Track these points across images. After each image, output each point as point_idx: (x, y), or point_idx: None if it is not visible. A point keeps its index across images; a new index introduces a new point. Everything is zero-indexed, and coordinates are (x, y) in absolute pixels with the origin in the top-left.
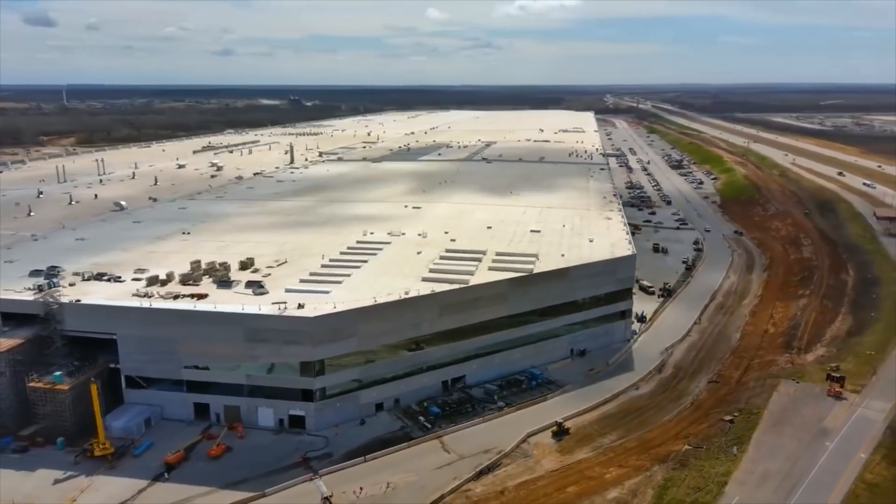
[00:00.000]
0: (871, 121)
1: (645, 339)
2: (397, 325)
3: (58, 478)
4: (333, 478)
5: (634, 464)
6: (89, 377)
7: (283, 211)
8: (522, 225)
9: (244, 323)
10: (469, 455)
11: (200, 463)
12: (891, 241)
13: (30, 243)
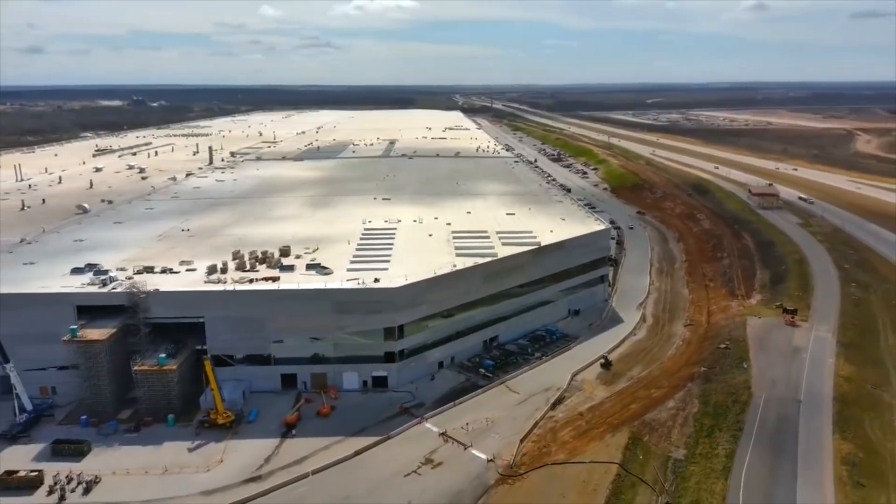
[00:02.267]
0: (697, 116)
1: (617, 300)
2: (454, 293)
3: (190, 447)
4: (436, 420)
5: (669, 385)
6: (186, 359)
7: (282, 204)
8: (493, 210)
9: (333, 297)
10: (534, 393)
11: (314, 421)
12: (767, 213)
13: (29, 246)
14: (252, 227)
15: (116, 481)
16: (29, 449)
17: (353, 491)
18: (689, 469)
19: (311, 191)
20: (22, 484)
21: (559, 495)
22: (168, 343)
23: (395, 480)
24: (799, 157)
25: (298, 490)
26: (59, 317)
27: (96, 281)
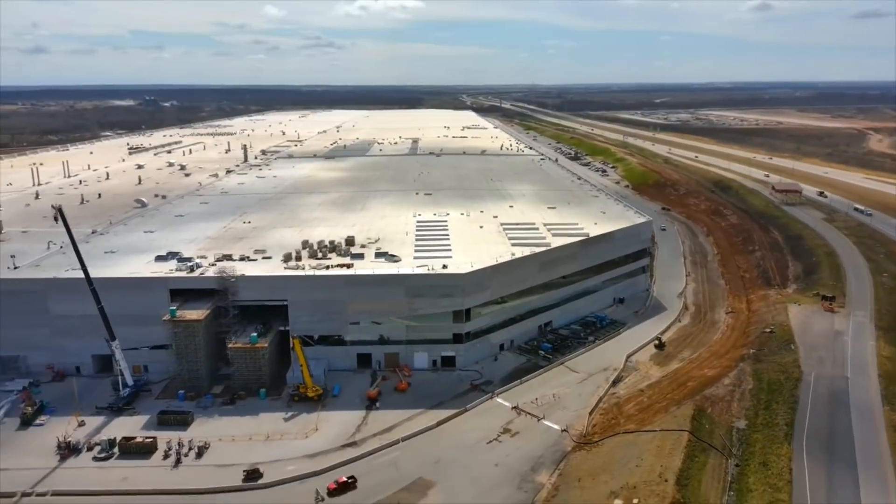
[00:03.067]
0: (707, 115)
1: (657, 290)
2: (514, 279)
3: (285, 417)
4: (505, 396)
5: (721, 365)
6: (272, 339)
7: (328, 200)
8: (533, 204)
9: (406, 282)
10: (593, 373)
11: (393, 395)
12: (792, 209)
13: (102, 237)
14: (307, 220)
15: (224, 447)
16: (135, 419)
17: (441, 456)
18: (753, 437)
19: (351, 186)
20: (139, 449)
21: (636, 459)
22: (257, 323)
23: (478, 447)
24: (813, 156)
25: (392, 454)
26: (154, 300)
27: (183, 267)
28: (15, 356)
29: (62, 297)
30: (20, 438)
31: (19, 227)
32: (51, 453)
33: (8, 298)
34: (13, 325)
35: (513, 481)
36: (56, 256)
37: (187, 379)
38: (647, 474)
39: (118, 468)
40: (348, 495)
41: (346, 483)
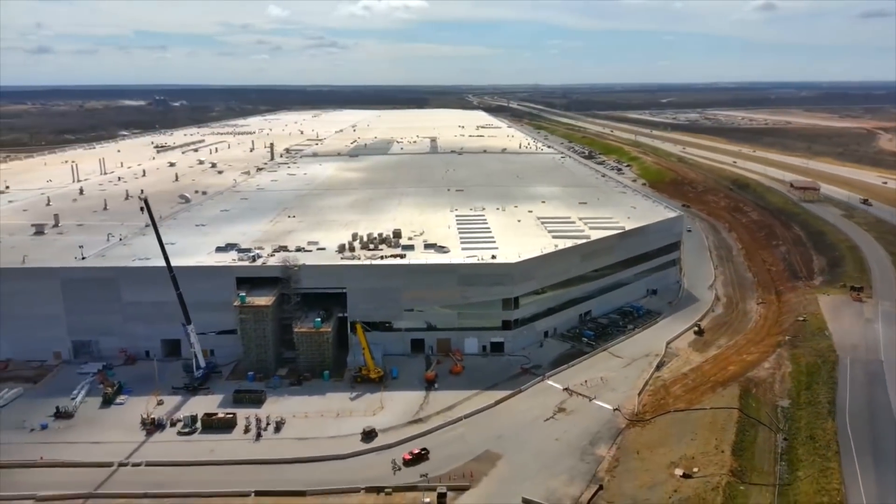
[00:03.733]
0: (715, 115)
1: (687, 282)
2: (558, 269)
3: (351, 397)
4: (555, 379)
5: (759, 350)
6: (334, 324)
7: (364, 196)
8: (564, 199)
9: (459, 271)
10: (636, 358)
11: (449, 378)
12: (811, 206)
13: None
14: (348, 215)
15: (299, 422)
16: (210, 398)
17: (503, 432)
18: (798, 414)
19: (382, 183)
20: (221, 424)
21: (691, 434)
22: (318, 310)
23: (536, 424)
24: (824, 155)
25: (458, 430)
26: (222, 287)
27: (245, 258)
28: (88, 341)
29: (134, 284)
30: (104, 416)
31: (72, 220)
32: (136, 429)
33: (82, 286)
34: (87, 312)
35: (574, 454)
36: (118, 248)
37: (255, 361)
38: (704, 446)
39: (203, 441)
40: (422, 465)
41: (420, 454)
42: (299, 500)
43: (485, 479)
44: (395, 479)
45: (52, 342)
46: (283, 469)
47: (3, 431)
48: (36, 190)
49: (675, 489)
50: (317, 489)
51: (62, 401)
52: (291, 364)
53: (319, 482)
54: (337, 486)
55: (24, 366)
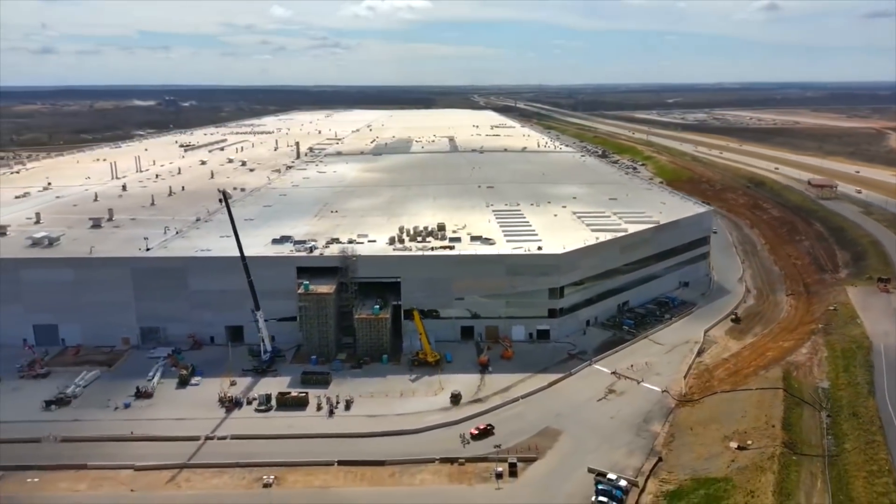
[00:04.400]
0: (723, 115)
1: (717, 275)
2: (600, 261)
3: (411, 379)
4: (602, 363)
5: (794, 338)
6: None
7: (398, 192)
8: (594, 196)
9: (507, 261)
10: (676, 345)
11: (500, 362)
12: (828, 203)
13: (207, 224)
14: (389, 209)
15: (366, 401)
16: (278, 380)
17: (560, 410)
18: (838, 394)
19: (411, 180)
20: (294, 402)
21: (740, 411)
22: (374, 298)
23: (590, 403)
24: (836, 155)
25: (517, 409)
26: (283, 276)
27: (301, 249)
28: (156, 327)
29: (200, 274)
30: (182, 395)
31: (123, 215)
32: (215, 407)
33: (151, 276)
34: (155, 300)
35: (630, 430)
36: (177, 240)
37: (316, 346)
38: (754, 422)
39: (280, 418)
40: (488, 440)
41: (486, 430)
42: (379, 469)
43: (549, 451)
44: (465, 452)
45: (121, 329)
46: (359, 442)
47: (90, 410)
48: (78, 187)
49: (731, 459)
50: (395, 459)
51: (139, 382)
52: (349, 349)
53: (395, 454)
54: (413, 456)
55: (95, 351)
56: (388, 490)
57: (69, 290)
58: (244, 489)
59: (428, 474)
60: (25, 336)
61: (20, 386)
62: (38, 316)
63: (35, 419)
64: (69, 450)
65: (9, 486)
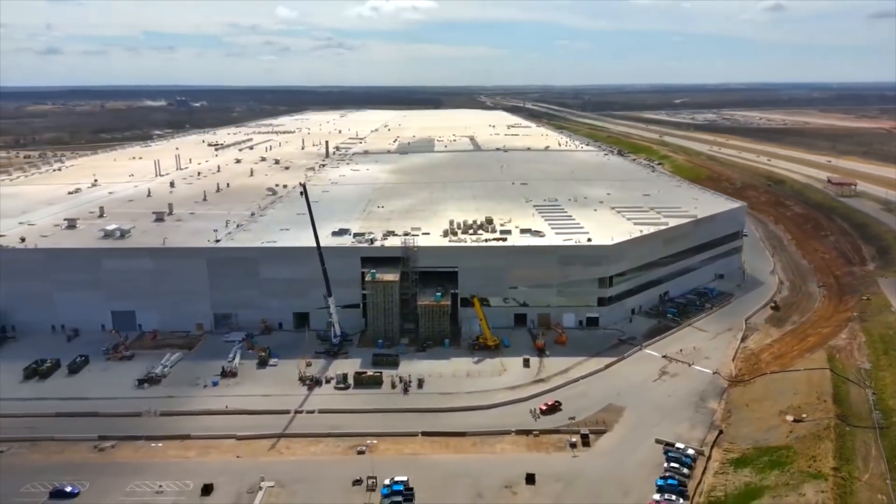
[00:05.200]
0: (732, 115)
1: (749, 268)
2: (644, 252)
3: (474, 361)
4: (652, 348)
5: (831, 325)
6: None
7: (436, 189)
8: (627, 192)
9: (559, 252)
10: (720, 332)
11: (555, 347)
12: (849, 200)
13: (263, 218)
14: (432, 204)
15: (437, 381)
16: (350, 361)
17: (620, 389)
18: (880, 374)
19: (444, 177)
20: (370, 381)
21: (791, 389)
22: (436, 286)
23: (646, 384)
24: (850, 154)
25: (579, 387)
26: (348, 266)
27: (362, 240)
28: (228, 314)
29: (271, 263)
30: (263, 375)
31: (181, 209)
32: (296, 385)
33: (225, 265)
34: (228, 288)
35: (689, 407)
36: (240, 233)
37: (381, 330)
38: (806, 398)
39: (358, 395)
40: (557, 415)
41: (554, 405)
42: (459, 439)
43: (616, 425)
44: (537, 425)
45: (196, 315)
46: (436, 416)
47: (181, 387)
48: (125, 183)
49: (789, 430)
50: (475, 430)
51: (219, 363)
52: (411, 334)
53: (471, 427)
54: (491, 429)
55: (171, 336)
56: (472, 457)
57: (147, 279)
58: (341, 455)
59: (507, 444)
60: (104, 322)
61: (108, 367)
62: (117, 303)
63: (130, 396)
64: (168, 423)
65: (122, 453)
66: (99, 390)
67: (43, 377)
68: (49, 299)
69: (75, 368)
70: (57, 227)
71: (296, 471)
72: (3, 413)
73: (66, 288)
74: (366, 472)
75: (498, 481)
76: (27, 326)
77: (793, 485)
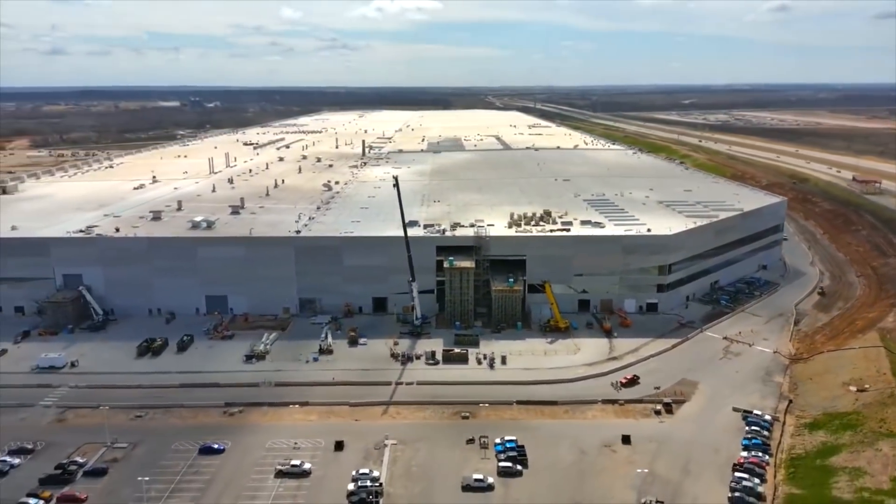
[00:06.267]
0: (742, 115)
1: (788, 259)
2: (699, 242)
3: (548, 341)
4: (711, 331)
5: (876, 310)
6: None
7: (483, 185)
8: (668, 187)
9: (623, 241)
10: (772, 317)
11: (621, 329)
12: (874, 198)
13: (330, 211)
14: (486, 198)
15: (517, 358)
16: (432, 340)
17: (690, 366)
18: None
19: (486, 174)
20: (457, 357)
21: (850, 365)
22: (507, 273)
23: (713, 361)
24: (866, 154)
25: (651, 364)
26: (425, 254)
27: (434, 231)
28: (312, 298)
29: (353, 251)
30: (356, 352)
31: (250, 204)
32: (389, 360)
33: (311, 253)
34: (314, 274)
35: (757, 380)
36: (314, 224)
37: (458, 313)
38: (865, 372)
39: (449, 370)
40: (636, 388)
41: (633, 379)
42: (553, 407)
43: (693, 396)
44: (619, 396)
45: (283, 299)
46: (525, 388)
47: (284, 362)
48: (182, 180)
49: (855, 399)
50: (565, 400)
51: (310, 342)
52: (483, 317)
53: (559, 397)
54: (579, 398)
55: (260, 318)
56: (567, 422)
57: (239, 266)
58: (448, 420)
59: (596, 412)
60: (198, 306)
61: (213, 345)
62: (211, 287)
63: (240, 370)
64: (283, 392)
65: (251, 418)
66: (211, 364)
67: (155, 354)
68: (148, 285)
69: (183, 346)
70: (142, 220)
71: (411, 432)
72: (130, 384)
73: (164, 274)
74: (476, 433)
75: (596, 441)
76: (124, 310)
77: (867, 442)
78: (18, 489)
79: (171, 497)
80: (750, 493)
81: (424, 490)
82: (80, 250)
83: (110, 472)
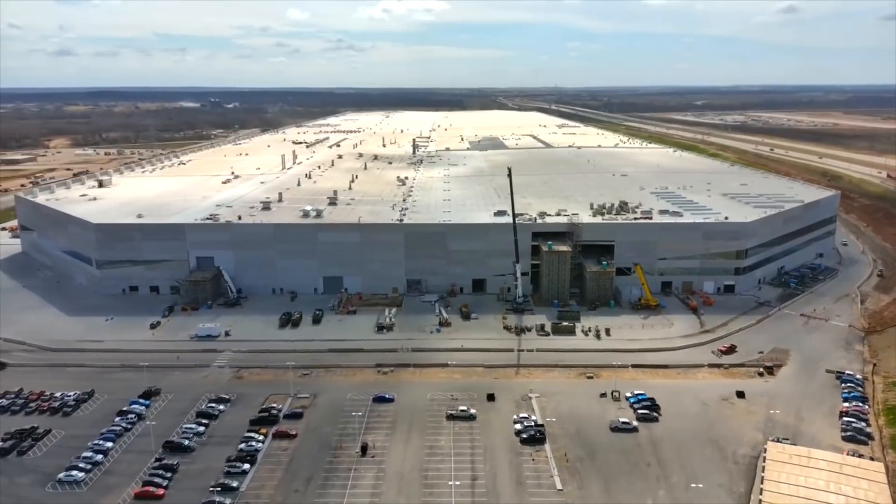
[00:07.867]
0: (759, 116)
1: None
2: (771, 230)
3: (642, 318)
4: (787, 309)
5: None
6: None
7: (549, 179)
8: (723, 182)
9: (703, 228)
10: (839, 297)
11: (704, 308)
12: None
13: (415, 204)
14: (560, 192)
15: (618, 331)
16: (535, 316)
17: (777, 338)
18: None
19: (542, 170)
20: (565, 330)
21: None
22: (596, 257)
23: (797, 334)
24: (890, 153)
25: (741, 336)
26: (522, 239)
27: (523, 219)
28: (419, 279)
29: (457, 237)
30: (470, 325)
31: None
32: (500, 332)
33: (419, 238)
34: (421, 257)
35: (839, 348)
36: (410, 214)
37: (556, 292)
38: None
39: (559, 340)
40: (734, 355)
41: (731, 348)
42: (665, 370)
43: (789, 361)
44: (722, 362)
45: (392, 280)
46: (633, 354)
47: (411, 333)
48: (259, 174)
49: None
50: (674, 363)
51: (425, 317)
52: (575, 297)
53: (668, 362)
54: (688, 363)
55: (373, 297)
56: (681, 382)
57: (355, 249)
58: (574, 379)
59: (705, 373)
60: (316, 286)
61: (342, 319)
62: (328, 269)
63: (374, 338)
64: (420, 356)
65: (402, 376)
66: (347, 334)
67: (295, 325)
68: (272, 266)
69: (317, 319)
70: (253, 209)
71: (548, 387)
72: (286, 349)
73: (287, 256)
74: (605, 389)
75: (714, 396)
76: (250, 289)
77: None
78: (234, 427)
79: (366, 433)
80: (860, 432)
81: (579, 429)
82: (213, 235)
83: (305, 415)
